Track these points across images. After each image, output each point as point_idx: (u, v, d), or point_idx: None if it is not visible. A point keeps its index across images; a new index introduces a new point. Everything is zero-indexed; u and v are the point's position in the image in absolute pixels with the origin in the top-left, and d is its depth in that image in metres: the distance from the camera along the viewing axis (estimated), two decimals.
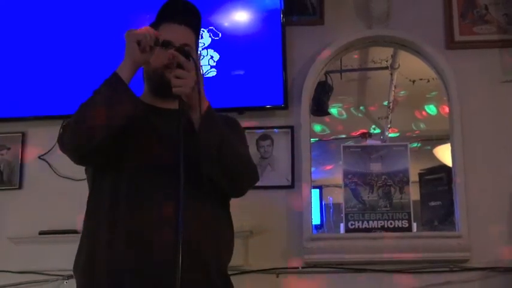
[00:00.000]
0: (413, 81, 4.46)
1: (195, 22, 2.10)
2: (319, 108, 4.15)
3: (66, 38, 3.50)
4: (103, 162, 1.95)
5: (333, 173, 5.25)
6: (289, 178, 3.35)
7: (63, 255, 3.26)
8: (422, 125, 5.11)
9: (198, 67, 1.91)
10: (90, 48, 3.47)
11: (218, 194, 1.99)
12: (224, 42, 3.42)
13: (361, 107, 5.23)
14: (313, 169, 3.43)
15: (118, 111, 1.84)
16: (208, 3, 3.40)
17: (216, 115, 1.93)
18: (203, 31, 3.37)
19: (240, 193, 2.05)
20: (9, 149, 3.53)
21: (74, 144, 1.88)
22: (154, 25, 2.05)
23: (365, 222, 3.29)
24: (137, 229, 1.84)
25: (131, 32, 1.87)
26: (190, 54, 1.90)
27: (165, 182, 1.85)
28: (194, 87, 1.83)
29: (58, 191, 3.44)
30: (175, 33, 2.01)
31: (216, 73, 3.40)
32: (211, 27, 3.42)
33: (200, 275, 1.87)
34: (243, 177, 2.01)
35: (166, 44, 1.89)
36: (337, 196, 5.31)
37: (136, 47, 1.84)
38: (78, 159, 1.95)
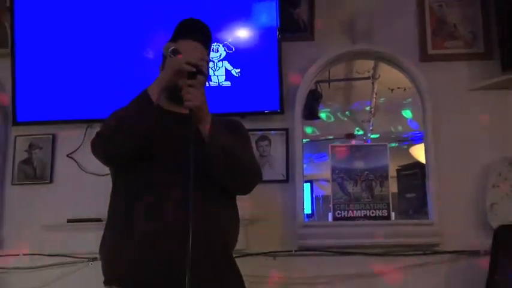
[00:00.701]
0: (392, 90, 4.42)
1: (207, 39, 2.13)
2: (311, 113, 4.11)
3: (91, 49, 3.48)
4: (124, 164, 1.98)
5: (322, 169, 5.24)
6: (284, 174, 3.36)
7: (89, 240, 3.31)
8: (399, 128, 5.10)
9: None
10: (113, 59, 3.46)
11: (225, 192, 2.01)
12: (232, 56, 3.43)
13: (347, 112, 5.21)
14: (305, 166, 3.43)
15: (144, 123, 1.89)
16: (215, 21, 3.42)
17: (219, 127, 1.95)
18: (219, 45, 3.39)
19: (245, 192, 2.07)
20: (41, 148, 3.53)
21: (103, 152, 1.97)
22: (172, 40, 2.08)
23: (350, 211, 3.29)
24: (148, 224, 1.86)
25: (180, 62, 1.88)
26: (203, 71, 1.94)
27: (174, 180, 1.87)
28: (200, 105, 1.86)
29: (84, 184, 3.45)
30: (196, 50, 2.03)
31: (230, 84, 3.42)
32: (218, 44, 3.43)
33: (209, 263, 1.88)
34: (248, 177, 2.02)
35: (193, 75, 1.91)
36: (326, 189, 5.30)
37: (174, 75, 1.88)
38: (106, 162, 2.03)
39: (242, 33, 3.44)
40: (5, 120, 3.60)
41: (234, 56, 3.41)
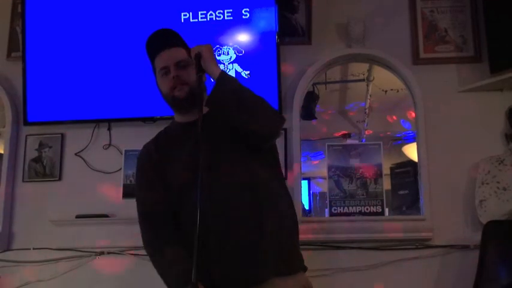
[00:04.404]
0: (385, 91, 4.43)
1: (176, 40, 2.10)
2: (308, 114, 4.14)
3: (98, 52, 3.48)
4: None
5: (319, 167, 5.24)
6: (283, 171, 3.29)
7: (96, 235, 3.33)
8: (392, 127, 5.10)
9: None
10: (120, 61, 3.45)
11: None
12: (240, 59, 3.41)
13: (343, 112, 5.23)
14: (302, 164, 3.40)
15: None
16: (219, 29, 3.42)
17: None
18: (229, 48, 3.38)
19: (269, 134, 1.98)
20: (51, 147, 3.53)
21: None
22: (152, 60, 2.09)
23: (345, 207, 3.28)
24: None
25: None
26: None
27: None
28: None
29: (91, 182, 3.45)
30: (169, 56, 2.03)
31: None
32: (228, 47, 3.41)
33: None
34: (266, 114, 1.94)
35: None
36: (323, 186, 5.31)
37: None
38: None
39: (244, 38, 3.43)
40: (16, 121, 3.60)
41: (241, 58, 3.40)
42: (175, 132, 2.10)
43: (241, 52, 3.39)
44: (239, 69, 3.38)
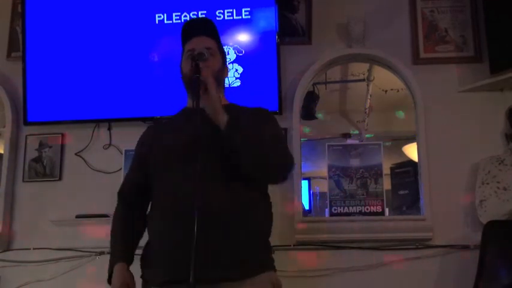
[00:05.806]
0: (386, 91, 4.41)
1: (210, 30, 2.11)
2: (308, 114, 4.12)
3: (98, 52, 3.48)
4: None
5: (320, 167, 5.23)
6: None
7: (96, 235, 3.33)
8: (393, 127, 5.09)
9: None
10: (119, 61, 3.46)
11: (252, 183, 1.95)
12: (240, 59, 3.41)
13: (343, 113, 5.22)
14: (303, 164, 3.41)
15: None
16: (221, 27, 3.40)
17: (235, 116, 1.91)
18: (229, 48, 3.37)
19: (276, 179, 2.00)
20: (51, 147, 3.53)
21: None
22: (183, 43, 2.11)
23: (346, 207, 3.27)
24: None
25: None
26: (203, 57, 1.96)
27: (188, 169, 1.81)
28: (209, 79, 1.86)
29: (91, 182, 3.45)
30: (199, 41, 2.04)
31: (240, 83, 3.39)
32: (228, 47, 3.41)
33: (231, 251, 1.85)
34: (273, 161, 1.90)
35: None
36: (323, 186, 5.29)
37: None
38: None
39: (243, 38, 3.43)
40: (16, 121, 3.60)
41: (241, 58, 3.40)
42: (178, 116, 2.13)
43: (241, 52, 3.39)
44: (239, 69, 3.38)
